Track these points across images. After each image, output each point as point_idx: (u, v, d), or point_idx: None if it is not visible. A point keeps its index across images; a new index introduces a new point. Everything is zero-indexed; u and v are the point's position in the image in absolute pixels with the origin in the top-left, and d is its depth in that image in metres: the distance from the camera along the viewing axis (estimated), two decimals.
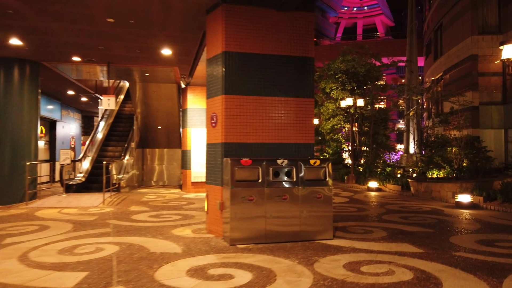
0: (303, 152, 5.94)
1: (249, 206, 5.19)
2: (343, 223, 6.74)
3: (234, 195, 5.14)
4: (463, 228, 6.41)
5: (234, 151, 5.62)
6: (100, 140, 14.21)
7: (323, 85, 18.37)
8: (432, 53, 22.42)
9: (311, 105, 6.04)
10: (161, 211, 8.14)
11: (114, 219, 7.13)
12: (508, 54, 7.71)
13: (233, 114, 5.65)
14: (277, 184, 5.33)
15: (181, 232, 5.98)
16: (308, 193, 5.42)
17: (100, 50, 8.61)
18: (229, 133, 5.62)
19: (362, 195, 11.36)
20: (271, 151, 5.78)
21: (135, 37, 7.73)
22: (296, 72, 5.94)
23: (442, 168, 11.67)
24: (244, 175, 5.24)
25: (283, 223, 5.31)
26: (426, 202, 9.81)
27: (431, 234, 5.84)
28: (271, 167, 5.34)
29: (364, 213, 7.93)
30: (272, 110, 5.82)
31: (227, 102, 5.63)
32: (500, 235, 5.80)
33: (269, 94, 5.82)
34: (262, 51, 5.78)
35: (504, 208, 8.17)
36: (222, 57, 5.63)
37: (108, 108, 9.65)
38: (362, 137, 18.54)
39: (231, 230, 5.13)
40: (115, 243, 5.25)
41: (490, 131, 15.84)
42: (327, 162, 5.62)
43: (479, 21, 16.59)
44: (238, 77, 5.68)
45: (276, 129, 5.83)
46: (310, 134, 6.00)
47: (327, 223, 5.49)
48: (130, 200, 10.03)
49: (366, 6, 56.08)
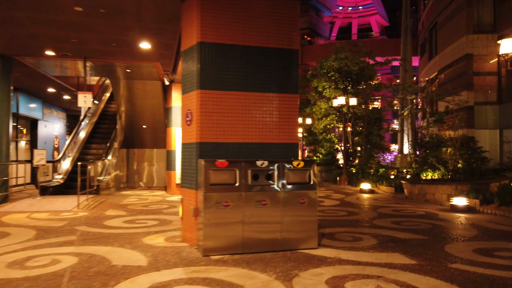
0: (287, 152, 5.45)
1: (224, 212, 4.68)
2: (331, 229, 6.26)
3: (208, 200, 4.64)
4: (459, 234, 5.96)
5: (210, 152, 5.12)
6: (83, 139, 13.62)
7: (315, 83, 17.92)
8: (426, 53, 22.11)
9: (296, 102, 5.55)
10: (138, 216, 7.61)
11: (84, 225, 6.58)
12: (506, 49, 7.30)
13: (210, 111, 5.15)
14: (257, 188, 4.83)
15: (152, 240, 5.46)
16: (290, 198, 4.93)
17: (74, 43, 8.06)
18: (205, 132, 5.11)
19: (353, 198, 10.90)
20: (252, 151, 5.29)
21: (110, 28, 7.20)
22: (279, 65, 5.45)
23: (436, 169, 11.25)
24: (220, 178, 4.73)
25: (262, 231, 4.81)
26: (420, 205, 9.37)
27: (425, 242, 5.38)
28: (250, 169, 4.84)
29: (354, 218, 7.46)
30: (253, 107, 5.33)
31: (203, 97, 5.12)
32: (499, 243, 5.35)
33: (250, 89, 5.32)
34: (242, 42, 5.27)
35: (502, 212, 7.74)
36: (197, 49, 5.12)
37: (85, 105, 9.08)
38: (356, 137, 18.12)
39: (205, 240, 4.62)
40: (76, 254, 4.71)
41: (485, 131, 15.52)
42: (312, 164, 5.13)
43: (474, 19, 16.29)
44: (215, 70, 5.18)
45: (257, 128, 5.33)
46: (294, 133, 5.51)
47: (311, 230, 5.01)
48: (108, 203, 9.47)
49: (361, 6, 55.87)
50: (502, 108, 15.44)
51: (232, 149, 5.22)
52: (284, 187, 4.92)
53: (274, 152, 5.39)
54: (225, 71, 5.22)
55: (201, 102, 5.11)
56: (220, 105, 5.19)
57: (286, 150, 5.45)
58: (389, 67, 45.15)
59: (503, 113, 15.37)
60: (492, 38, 15.78)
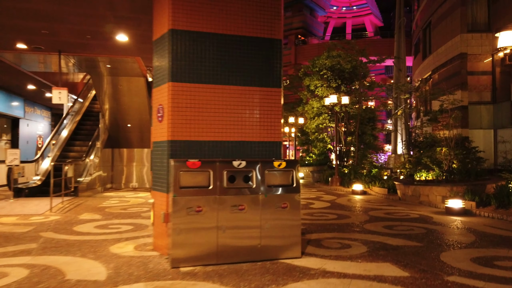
0: (269, 151, 4.98)
1: (196, 218, 4.19)
2: (318, 235, 5.80)
3: (178, 205, 4.14)
4: (455, 240, 5.53)
5: (183, 151, 4.62)
6: (65, 138, 13.04)
7: (307, 82, 17.49)
8: (420, 52, 21.84)
9: (278, 96, 5.08)
10: (113, 220, 7.08)
11: (51, 231, 6.05)
12: (504, 42, 6.90)
13: (182, 105, 4.66)
14: (233, 191, 4.35)
15: (121, 248, 4.95)
16: (271, 202, 4.46)
17: (45, 35, 7.53)
18: (177, 129, 4.62)
19: (345, 199, 10.46)
20: (230, 150, 4.81)
21: (81, 18, 6.68)
22: (261, 56, 4.97)
23: (431, 169, 10.85)
24: (192, 181, 4.25)
25: (239, 239, 4.33)
26: (413, 207, 8.95)
27: (419, 250, 4.94)
28: (226, 171, 4.35)
29: (344, 221, 7.01)
30: (231, 102, 4.84)
31: (175, 91, 4.63)
32: (499, 250, 4.92)
33: (228, 82, 4.84)
34: (219, 31, 4.79)
35: (500, 215, 7.34)
36: (169, 37, 4.63)
37: (59, 102, 8.55)
38: (349, 137, 17.72)
39: (174, 249, 4.12)
40: (29, 265, 4.19)
41: (480, 131, 15.24)
42: (295, 165, 4.66)
43: (468, 18, 16.04)
44: (188, 61, 4.69)
45: (235, 125, 4.85)
46: (276, 130, 5.04)
47: (294, 237, 4.53)
48: (85, 206, 8.93)
49: (355, 6, 55.70)
50: (496, 108, 15.15)
51: (207, 148, 4.73)
52: (264, 190, 4.45)
53: (254, 151, 4.92)
54: (200, 62, 4.74)
55: (172, 96, 4.62)
56: (194, 100, 4.71)
57: (268, 149, 4.98)
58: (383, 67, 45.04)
59: (497, 113, 15.09)
60: (487, 37, 15.52)
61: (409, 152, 13.36)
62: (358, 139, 16.86)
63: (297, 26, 44.31)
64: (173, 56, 4.63)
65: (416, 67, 23.99)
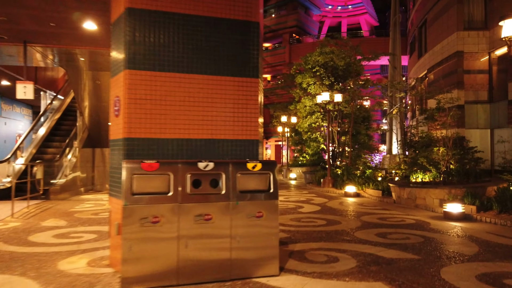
0: (244, 151, 4.32)
1: (153, 231, 3.52)
2: (302, 245, 5.15)
3: (130, 215, 3.47)
4: (456, 252, 4.90)
5: (142, 150, 3.95)
6: (41, 137, 12.30)
7: (299, 80, 16.85)
8: (416, 51, 21.35)
9: (256, 88, 4.42)
10: (78, 227, 6.38)
11: (1, 242, 5.34)
12: (510, 31, 6.31)
13: (142, 97, 3.98)
14: (198, 197, 3.68)
15: (71, 264, 4.26)
16: (243, 211, 3.79)
17: (6, 22, 6.81)
18: (135, 125, 3.94)
19: (336, 202, 9.83)
20: (198, 150, 4.14)
21: (41, 3, 5.97)
22: (235, 41, 4.31)
23: (427, 170, 10.26)
24: (148, 186, 3.57)
25: (204, 255, 3.66)
26: (409, 211, 8.34)
27: (416, 264, 4.30)
28: (190, 174, 3.69)
29: (333, 228, 6.36)
30: (200, 93, 4.18)
31: (132, 80, 3.96)
32: (507, 265, 4.29)
33: (196, 70, 4.17)
34: (185, 10, 4.13)
35: (503, 220, 6.73)
36: (125, 17, 3.96)
37: (25, 97, 7.83)
38: (343, 137, 17.11)
39: (125, 267, 3.44)
40: None
41: (476, 131, 14.76)
42: (272, 166, 4.00)
43: (465, 16, 15.58)
44: (148, 45, 4.02)
45: (205, 120, 4.19)
46: (253, 127, 4.38)
47: (270, 251, 3.87)
48: (54, 210, 8.20)
49: (351, 5, 55.27)
50: (493, 107, 14.67)
51: (171, 147, 4.06)
52: (236, 196, 3.78)
53: (227, 151, 4.26)
54: (163, 47, 4.06)
55: (129, 86, 3.94)
56: (156, 91, 4.03)
57: (243, 149, 4.32)
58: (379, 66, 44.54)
59: (494, 113, 14.62)
60: (483, 35, 15.04)
61: (405, 152, 12.77)
62: (352, 139, 16.27)
63: (291, 25, 43.71)
64: (130, 39, 3.96)
65: (411, 67, 23.50)
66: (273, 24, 44.66)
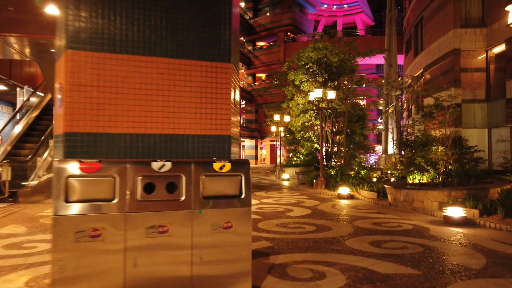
0: (213, 149, 3.65)
1: (92, 247, 2.85)
2: (286, 256, 4.49)
3: (62, 227, 2.80)
4: (461, 265, 4.26)
5: (86, 148, 3.27)
6: (16, 136, 11.57)
7: (292, 77, 16.22)
8: (412, 49, 20.86)
9: (227, 74, 3.76)
10: (37, 236, 5.68)
11: None
12: None
13: (87, 83, 3.31)
14: (151, 205, 3.01)
15: (7, 283, 3.57)
16: (208, 221, 3.13)
17: None
18: (78, 117, 3.26)
19: (329, 205, 9.18)
20: (158, 147, 3.47)
21: None
22: (202, 19, 3.65)
23: (425, 171, 9.66)
24: (87, 191, 2.90)
25: (160, 275, 2.99)
26: (406, 215, 7.71)
27: (416, 281, 3.66)
28: (141, 176, 3.02)
29: (323, 235, 5.71)
30: (158, 80, 3.51)
31: (75, 62, 3.28)
32: None
33: (154, 53, 3.50)
34: None
35: (509, 226, 6.11)
36: None
37: None
38: (337, 136, 16.49)
39: None
40: None
41: (473, 130, 14.26)
42: (244, 167, 3.34)
43: (462, 13, 15.08)
44: (94, 20, 3.34)
45: (165, 112, 3.52)
46: (224, 120, 3.71)
47: (241, 266, 3.21)
48: (18, 215, 7.48)
49: (346, 4, 54.89)
50: (490, 106, 14.18)
51: (124, 143, 3.38)
52: (198, 203, 3.12)
53: (193, 148, 3.59)
54: (113, 24, 3.39)
55: (71, 69, 3.27)
56: (105, 76, 3.36)
57: (211, 146, 3.66)
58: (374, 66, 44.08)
59: (491, 111, 14.13)
60: (481, 32, 14.54)
61: (401, 152, 12.18)
62: (346, 138, 15.66)
63: (286, 23, 43.12)
64: (73, 13, 3.28)
65: (407, 65, 22.98)
66: (268, 23, 44.07)
